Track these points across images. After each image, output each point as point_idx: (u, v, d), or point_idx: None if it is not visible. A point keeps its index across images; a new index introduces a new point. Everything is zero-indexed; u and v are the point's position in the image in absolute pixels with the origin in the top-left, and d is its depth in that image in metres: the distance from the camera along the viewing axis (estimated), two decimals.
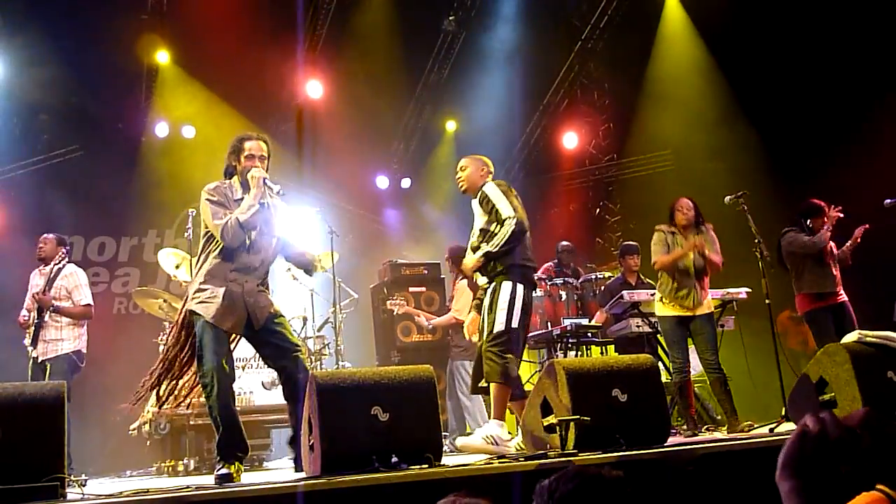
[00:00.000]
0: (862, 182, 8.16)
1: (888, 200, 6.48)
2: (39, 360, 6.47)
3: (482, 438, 5.00)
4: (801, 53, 9.51)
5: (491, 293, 5.12)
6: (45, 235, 6.84)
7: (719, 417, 7.19)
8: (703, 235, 6.33)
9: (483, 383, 5.12)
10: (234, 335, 4.71)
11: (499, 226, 5.11)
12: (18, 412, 3.58)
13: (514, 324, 5.05)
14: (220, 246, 4.63)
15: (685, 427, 6.21)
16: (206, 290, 4.58)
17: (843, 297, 6.72)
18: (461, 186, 5.44)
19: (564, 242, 8.86)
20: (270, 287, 4.96)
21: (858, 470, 0.95)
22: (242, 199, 4.67)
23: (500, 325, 5.00)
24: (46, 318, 6.51)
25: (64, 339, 6.53)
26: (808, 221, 6.76)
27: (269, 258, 4.84)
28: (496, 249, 5.08)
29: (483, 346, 5.08)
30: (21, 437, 3.56)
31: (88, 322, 6.78)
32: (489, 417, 5.26)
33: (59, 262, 6.67)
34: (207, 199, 4.64)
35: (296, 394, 4.49)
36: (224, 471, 4.37)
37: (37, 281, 6.71)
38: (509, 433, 5.17)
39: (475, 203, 5.34)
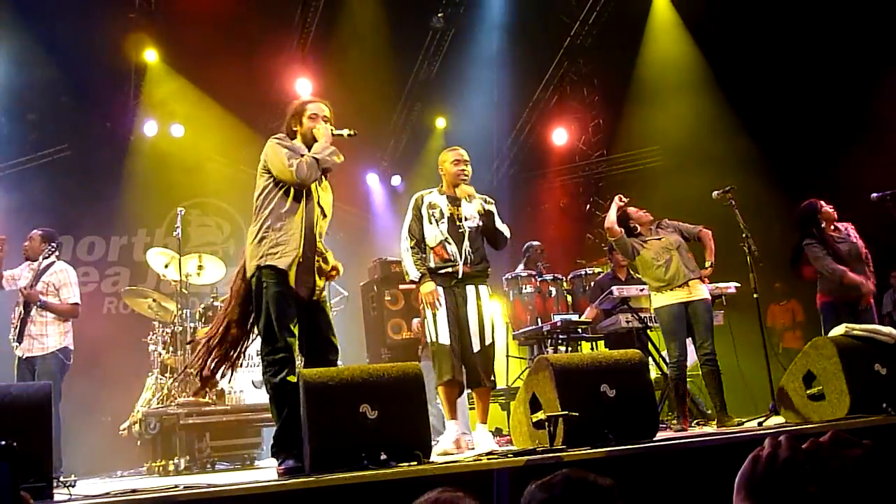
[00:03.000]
0: (853, 175, 8.18)
1: (875, 194, 6.47)
2: (25, 358, 6.40)
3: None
4: (790, 47, 9.53)
5: (486, 298, 5.30)
6: (31, 232, 6.81)
7: (709, 412, 7.20)
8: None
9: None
10: None
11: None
12: (4, 412, 3.56)
13: None
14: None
15: (675, 422, 6.21)
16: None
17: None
18: (467, 180, 5.40)
19: (536, 242, 8.51)
20: None
21: (828, 491, 0.94)
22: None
23: (498, 329, 5.15)
24: (33, 312, 6.47)
25: (49, 334, 6.45)
26: (815, 230, 6.46)
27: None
28: (501, 228, 5.33)
29: (490, 347, 5.19)
30: (6, 437, 3.54)
31: (77, 321, 6.72)
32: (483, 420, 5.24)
33: (49, 258, 6.62)
34: (278, 143, 4.43)
35: None
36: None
37: (26, 274, 6.66)
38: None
39: (477, 202, 5.30)
